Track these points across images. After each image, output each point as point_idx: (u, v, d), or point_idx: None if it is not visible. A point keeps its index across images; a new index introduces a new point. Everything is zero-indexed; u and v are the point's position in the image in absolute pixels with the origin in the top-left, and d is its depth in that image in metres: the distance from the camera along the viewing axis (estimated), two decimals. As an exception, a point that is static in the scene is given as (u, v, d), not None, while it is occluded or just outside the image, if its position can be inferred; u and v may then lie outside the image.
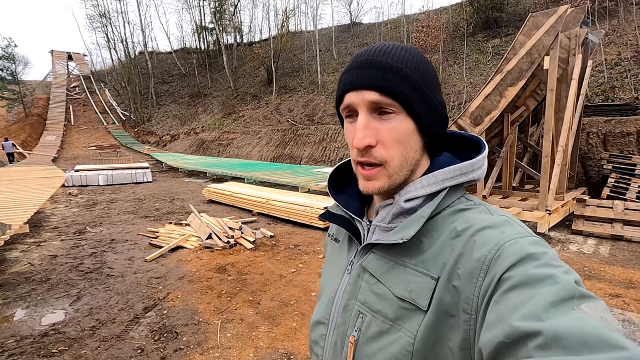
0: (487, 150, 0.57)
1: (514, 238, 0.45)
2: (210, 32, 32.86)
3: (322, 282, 0.71)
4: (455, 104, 13.88)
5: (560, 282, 0.38)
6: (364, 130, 0.53)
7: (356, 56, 0.57)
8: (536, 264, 0.41)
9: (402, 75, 0.53)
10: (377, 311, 0.53)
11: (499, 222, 0.49)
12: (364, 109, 0.53)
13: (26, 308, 3.46)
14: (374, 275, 0.56)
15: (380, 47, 0.55)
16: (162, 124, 28.12)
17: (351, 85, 0.54)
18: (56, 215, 7.62)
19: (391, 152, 0.53)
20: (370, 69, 0.53)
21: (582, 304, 0.36)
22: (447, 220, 0.53)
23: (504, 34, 15.87)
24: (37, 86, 32.04)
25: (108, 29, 34.45)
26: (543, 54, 4.87)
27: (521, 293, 0.39)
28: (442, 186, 0.54)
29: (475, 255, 0.46)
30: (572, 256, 4.59)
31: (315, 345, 0.64)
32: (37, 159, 18.61)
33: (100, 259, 4.84)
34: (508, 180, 6.49)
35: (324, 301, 0.64)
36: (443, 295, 0.47)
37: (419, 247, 0.52)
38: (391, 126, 0.53)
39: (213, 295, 3.68)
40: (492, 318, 0.40)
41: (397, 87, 0.52)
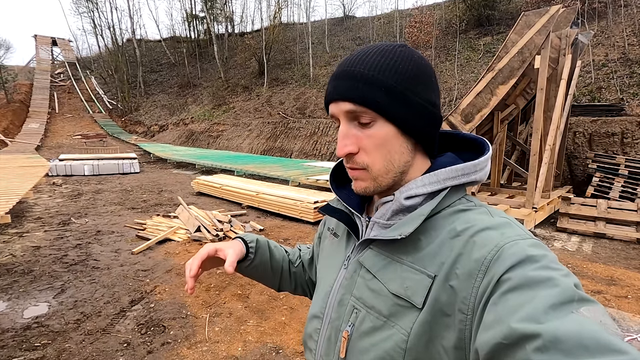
0: (490, 151, 0.57)
1: (514, 240, 0.45)
2: (200, 21, 32.24)
3: (319, 277, 0.72)
4: (446, 100, 13.97)
5: (560, 285, 0.38)
6: (343, 140, 0.55)
7: (337, 65, 0.58)
8: (536, 266, 0.41)
9: (372, 83, 0.53)
10: (372, 307, 0.53)
11: (500, 224, 0.49)
12: (343, 119, 0.55)
13: (7, 300, 3.37)
14: (370, 271, 0.56)
15: (357, 55, 0.55)
16: (151, 113, 27.61)
17: (330, 96, 0.57)
18: (39, 206, 7.43)
19: (372, 157, 0.55)
20: (343, 81, 0.55)
21: (582, 307, 0.36)
22: (446, 220, 0.53)
23: (495, 32, 15.98)
24: (19, 72, 31.00)
25: (95, 15, 33.56)
26: (534, 53, 4.92)
27: (520, 295, 0.39)
28: (444, 185, 0.54)
29: (474, 256, 0.46)
30: (556, 253, 4.69)
31: (309, 339, 0.65)
32: (20, 147, 18.09)
33: (86, 251, 4.75)
34: (496, 178, 6.58)
35: (320, 295, 0.65)
36: (439, 294, 0.47)
37: (417, 245, 0.52)
38: (369, 133, 0.54)
39: (201, 288, 3.64)
40: (490, 319, 0.40)
41: (368, 96, 0.53)
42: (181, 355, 2.56)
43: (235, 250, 0.73)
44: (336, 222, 0.72)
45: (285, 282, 0.87)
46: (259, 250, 0.80)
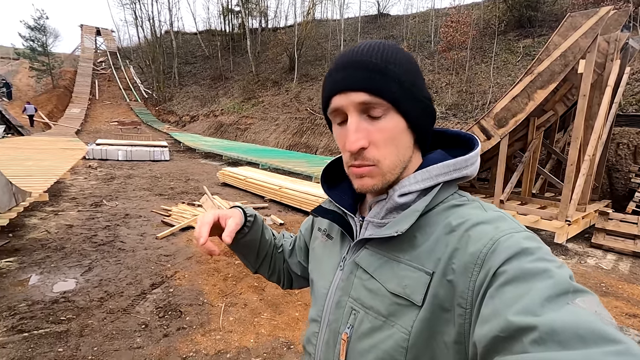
0: (479, 147, 0.57)
1: (508, 233, 0.45)
2: (235, 15, 32.80)
3: (314, 279, 0.71)
4: (479, 104, 13.49)
5: (555, 276, 0.38)
6: (355, 133, 0.52)
7: (339, 57, 0.56)
8: (531, 258, 0.41)
9: (387, 73, 0.52)
10: (370, 307, 0.53)
11: (494, 218, 0.49)
12: (353, 112, 0.53)
13: (40, 274, 3.57)
14: (367, 271, 0.56)
15: (362, 47, 0.55)
16: (183, 104, 28.44)
17: (338, 87, 0.54)
18: (75, 187, 7.83)
19: (383, 152, 0.53)
20: (355, 70, 0.53)
21: (577, 298, 0.37)
22: (441, 215, 0.53)
23: (537, 34, 15.24)
24: (65, 59, 32.75)
25: (136, 6, 34.98)
26: (579, 57, 4.63)
27: (516, 287, 0.39)
28: (436, 181, 0.55)
29: (470, 250, 0.46)
30: (589, 270, 4.42)
31: (308, 343, 0.65)
32: (62, 130, 19.15)
33: (114, 232, 4.95)
34: (528, 187, 6.28)
35: (317, 298, 0.65)
36: (438, 290, 0.47)
37: (413, 243, 0.52)
38: (381, 126, 0.53)
39: (219, 277, 3.71)
40: (487, 312, 0.40)
41: (384, 86, 0.52)
42: (195, 341, 2.61)
43: (235, 220, 0.70)
44: (328, 223, 0.71)
45: (265, 265, 0.85)
46: (254, 226, 0.77)
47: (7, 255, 3.95)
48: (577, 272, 4.33)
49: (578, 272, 4.35)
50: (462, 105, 14.08)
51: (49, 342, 2.47)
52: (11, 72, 29.42)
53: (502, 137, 5.40)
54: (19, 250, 4.13)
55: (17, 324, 2.64)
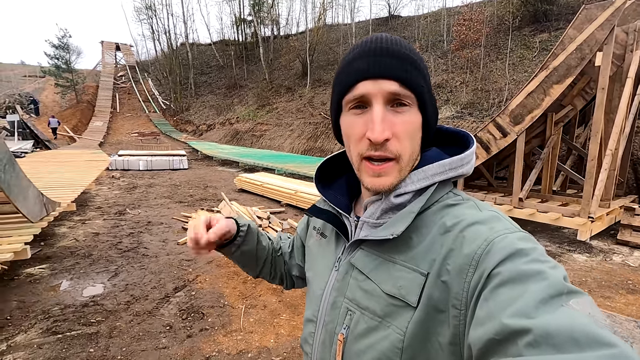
0: (475, 145, 0.57)
1: (503, 234, 0.45)
2: (248, 25, 33.43)
3: (309, 278, 0.70)
4: (496, 101, 13.27)
5: (549, 278, 0.38)
6: (382, 123, 0.50)
7: (366, 43, 0.54)
8: (525, 259, 0.41)
9: (418, 67, 0.52)
10: (366, 308, 0.53)
11: (488, 218, 0.49)
12: (380, 100, 0.51)
13: (70, 280, 3.75)
14: (362, 272, 0.55)
15: (388, 37, 0.53)
16: (200, 113, 29.11)
17: (367, 73, 0.51)
18: (100, 196, 8.15)
19: (404, 145, 0.52)
20: (388, 58, 0.51)
21: (571, 299, 0.37)
22: (436, 215, 0.52)
23: (553, 28, 14.90)
24: (87, 75, 34.17)
25: (153, 21, 36.08)
26: (595, 49, 4.53)
27: (511, 289, 0.39)
28: (432, 181, 0.54)
29: (464, 251, 0.45)
30: (615, 268, 4.29)
31: (305, 343, 0.64)
32: (86, 143, 19.93)
33: (137, 239, 5.13)
34: (548, 184, 6.13)
35: (312, 298, 0.64)
36: (432, 291, 0.47)
37: (408, 243, 0.52)
38: (405, 119, 0.52)
39: (239, 280, 3.80)
40: (482, 314, 0.40)
41: (415, 79, 0.51)
42: (217, 341, 2.69)
43: (227, 223, 0.71)
44: (322, 221, 0.70)
45: (265, 269, 0.86)
46: (249, 236, 0.78)
47: (39, 262, 4.16)
48: (603, 270, 4.20)
49: (603, 269, 4.23)
50: (478, 103, 13.87)
51: (81, 343, 2.60)
52: (38, 90, 30.89)
53: (518, 134, 5.31)
54: (51, 257, 4.35)
55: (52, 326, 2.80)
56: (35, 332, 2.72)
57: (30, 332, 2.72)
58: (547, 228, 5.76)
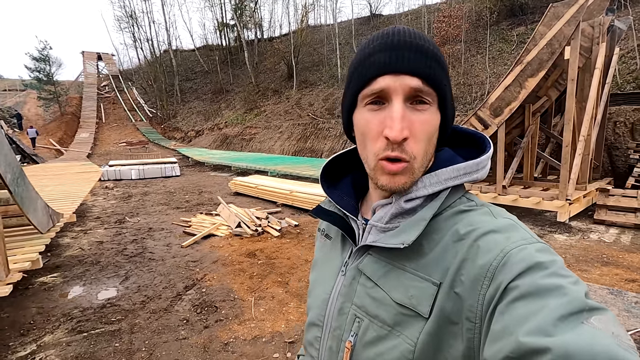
0: (492, 149, 0.54)
1: (521, 244, 0.43)
2: (231, 29, 33.44)
3: (313, 280, 0.68)
4: (478, 94, 13.72)
5: (570, 293, 0.36)
6: (402, 121, 0.48)
7: (387, 35, 0.51)
8: (544, 273, 0.39)
9: (441, 64, 0.50)
10: (375, 316, 0.51)
11: (504, 226, 0.47)
12: (400, 96, 0.49)
13: (83, 285, 3.92)
14: (371, 278, 0.54)
15: (410, 30, 0.51)
16: (187, 120, 29.03)
17: (389, 67, 0.49)
18: (97, 207, 8.24)
19: (420, 147, 0.50)
20: (411, 53, 0.49)
21: (592, 317, 0.35)
22: (448, 221, 0.50)
23: (529, 22, 15.45)
24: (70, 86, 33.69)
25: (135, 29, 35.70)
26: (564, 44, 4.89)
27: (528, 304, 0.37)
28: (445, 186, 0.52)
29: (479, 262, 0.44)
30: (591, 244, 4.65)
31: (310, 346, 0.63)
32: (73, 155, 19.75)
33: (142, 245, 5.30)
34: (529, 171, 6.51)
35: (317, 302, 0.62)
36: (445, 302, 0.45)
37: (419, 251, 0.50)
38: (424, 118, 0.49)
39: (245, 276, 4.02)
40: (498, 329, 0.38)
41: (439, 76, 0.49)
42: (233, 330, 2.92)
43: None
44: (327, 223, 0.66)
45: None
46: None
47: (50, 271, 4.31)
48: (580, 247, 4.56)
49: (581, 246, 4.59)
50: (462, 97, 14.31)
51: (106, 339, 2.80)
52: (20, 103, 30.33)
53: (498, 126, 5.66)
54: (60, 266, 4.50)
55: (76, 326, 2.99)
56: (61, 332, 2.91)
57: (57, 333, 2.90)
58: (531, 213, 6.13)
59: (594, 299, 0.37)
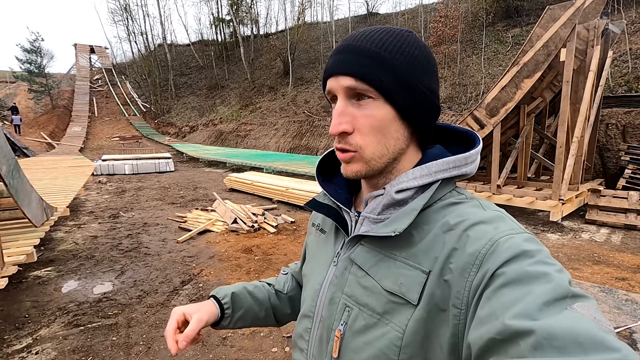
0: (481, 145, 0.57)
1: (508, 234, 0.45)
2: (227, 24, 33.20)
3: (306, 274, 0.70)
4: (473, 95, 13.83)
5: (554, 280, 0.38)
6: (339, 117, 0.53)
7: (342, 41, 0.56)
8: (531, 261, 0.41)
9: (379, 60, 0.51)
10: (365, 305, 0.53)
11: (493, 218, 0.49)
12: (341, 95, 0.53)
13: (78, 280, 3.89)
14: (362, 268, 0.55)
15: (364, 32, 0.54)
16: (181, 115, 28.80)
17: (330, 70, 0.54)
18: (90, 201, 8.16)
19: (366, 139, 0.53)
20: (347, 54, 0.53)
21: (575, 303, 0.36)
22: (438, 213, 0.52)
23: (524, 23, 15.60)
24: (62, 79, 33.17)
25: (129, 22, 35.27)
26: (560, 46, 4.96)
27: (515, 290, 0.38)
28: (435, 178, 0.54)
29: (468, 250, 0.45)
30: (583, 244, 4.74)
31: (299, 339, 0.64)
32: (65, 149, 19.49)
33: (137, 240, 5.27)
34: (523, 171, 6.60)
35: (309, 293, 0.63)
36: (434, 290, 0.47)
37: (410, 240, 0.51)
38: (367, 113, 0.52)
39: (242, 272, 4.03)
40: (484, 314, 0.39)
41: (372, 73, 0.51)
42: (231, 324, 2.93)
43: (200, 315, 0.68)
44: (322, 217, 0.70)
45: (281, 314, 0.83)
46: (237, 303, 0.76)
47: (44, 265, 4.27)
48: (572, 246, 4.65)
49: (573, 245, 4.67)
50: (457, 97, 14.42)
51: (103, 333, 2.79)
52: (10, 95, 29.80)
53: (494, 126, 5.72)
54: (54, 261, 4.45)
55: (73, 320, 2.97)
56: (57, 326, 2.89)
57: (53, 326, 2.88)
58: (524, 212, 6.22)
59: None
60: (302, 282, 0.77)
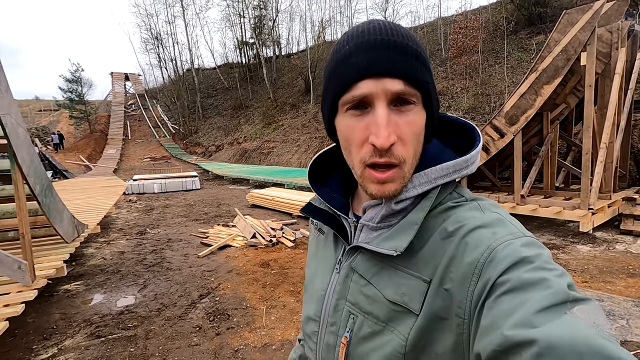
0: (481, 143, 0.54)
1: (507, 240, 0.43)
2: (250, 47, 34.48)
3: (309, 275, 0.69)
4: (497, 104, 13.51)
5: (553, 285, 0.37)
6: (388, 127, 0.46)
7: (361, 34, 0.48)
8: (529, 267, 0.40)
9: (422, 60, 0.48)
10: (369, 313, 0.52)
11: (491, 221, 0.47)
12: (383, 101, 0.47)
13: (104, 293, 4.07)
14: (363, 276, 0.54)
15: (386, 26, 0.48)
16: (208, 135, 29.87)
17: (368, 70, 0.46)
18: (120, 219, 8.55)
19: (409, 150, 0.48)
20: (391, 51, 0.46)
21: (575, 307, 0.36)
22: (437, 219, 0.50)
23: (549, 30, 15.18)
24: (99, 105, 35.45)
25: (160, 50, 37.42)
26: (579, 50, 4.81)
27: (513, 298, 0.38)
28: (434, 184, 0.52)
29: (467, 259, 0.44)
30: (616, 255, 4.44)
31: (309, 339, 0.64)
32: (101, 170, 20.62)
33: (160, 255, 5.46)
34: (550, 180, 6.32)
35: (315, 298, 0.63)
36: (435, 299, 0.46)
37: (410, 249, 0.50)
38: (410, 120, 0.48)
39: (258, 285, 4.07)
40: (486, 324, 0.39)
41: (422, 75, 0.47)
42: (244, 337, 2.96)
43: None
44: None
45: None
46: None
47: (74, 279, 4.50)
48: (605, 258, 4.37)
49: (606, 257, 4.39)
50: (480, 107, 14.14)
51: (122, 344, 2.89)
52: (53, 122, 32.14)
53: (515, 134, 5.56)
54: (83, 275, 4.69)
55: (95, 331, 3.10)
56: (81, 337, 3.03)
57: (77, 337, 3.03)
58: (553, 223, 5.93)
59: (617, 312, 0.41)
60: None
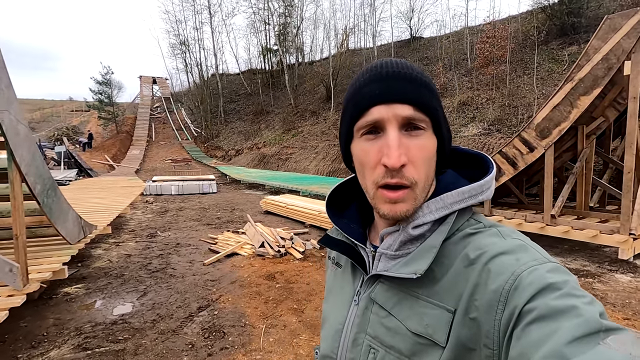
0: (495, 169, 0.54)
1: (531, 266, 0.42)
2: (274, 54, 34.89)
3: (326, 310, 0.67)
4: (525, 116, 12.89)
5: (584, 314, 0.35)
6: (399, 148, 0.48)
7: (375, 68, 0.53)
8: (557, 294, 0.38)
9: (431, 90, 0.51)
10: (391, 347, 0.50)
11: (513, 248, 0.46)
12: (394, 125, 0.50)
13: (103, 299, 3.93)
14: (384, 307, 0.53)
15: (396, 61, 0.53)
16: (229, 139, 30.23)
17: (380, 97, 0.50)
18: (134, 220, 8.55)
19: (420, 172, 0.50)
20: (401, 82, 0.50)
21: (609, 337, 0.34)
22: (458, 245, 0.50)
23: (582, 41, 14.48)
24: (127, 107, 36.68)
25: (186, 55, 38.40)
26: (623, 58, 4.37)
27: (542, 327, 0.36)
28: (451, 210, 0.52)
29: (491, 287, 0.43)
30: (663, 289, 3.93)
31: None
32: (123, 170, 21.13)
33: (166, 260, 5.32)
34: (584, 200, 5.81)
35: (330, 333, 0.61)
36: (461, 329, 0.45)
37: (431, 277, 0.49)
38: (421, 144, 0.50)
39: (260, 300, 3.82)
40: (515, 355, 0.38)
41: (429, 102, 0.50)
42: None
43: None
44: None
45: None
46: None
47: (76, 282, 4.40)
48: (649, 291, 3.87)
49: (650, 291, 3.89)
50: (506, 119, 13.54)
51: (108, 359, 2.70)
52: (83, 122, 33.46)
53: (546, 149, 5.13)
54: (86, 278, 4.58)
55: (82, 343, 2.93)
56: (67, 348, 2.86)
57: (63, 348, 2.86)
58: (586, 247, 5.41)
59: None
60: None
